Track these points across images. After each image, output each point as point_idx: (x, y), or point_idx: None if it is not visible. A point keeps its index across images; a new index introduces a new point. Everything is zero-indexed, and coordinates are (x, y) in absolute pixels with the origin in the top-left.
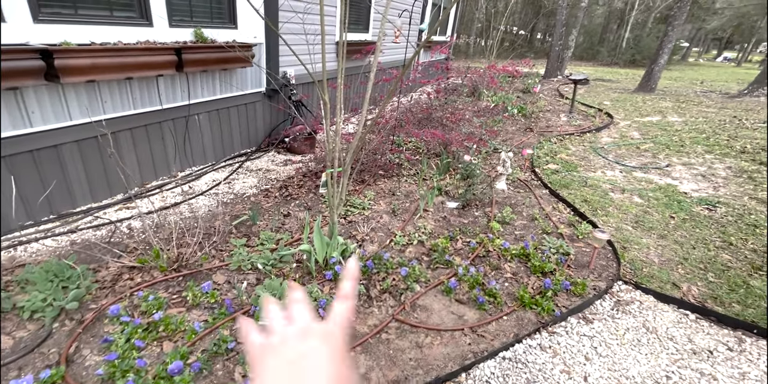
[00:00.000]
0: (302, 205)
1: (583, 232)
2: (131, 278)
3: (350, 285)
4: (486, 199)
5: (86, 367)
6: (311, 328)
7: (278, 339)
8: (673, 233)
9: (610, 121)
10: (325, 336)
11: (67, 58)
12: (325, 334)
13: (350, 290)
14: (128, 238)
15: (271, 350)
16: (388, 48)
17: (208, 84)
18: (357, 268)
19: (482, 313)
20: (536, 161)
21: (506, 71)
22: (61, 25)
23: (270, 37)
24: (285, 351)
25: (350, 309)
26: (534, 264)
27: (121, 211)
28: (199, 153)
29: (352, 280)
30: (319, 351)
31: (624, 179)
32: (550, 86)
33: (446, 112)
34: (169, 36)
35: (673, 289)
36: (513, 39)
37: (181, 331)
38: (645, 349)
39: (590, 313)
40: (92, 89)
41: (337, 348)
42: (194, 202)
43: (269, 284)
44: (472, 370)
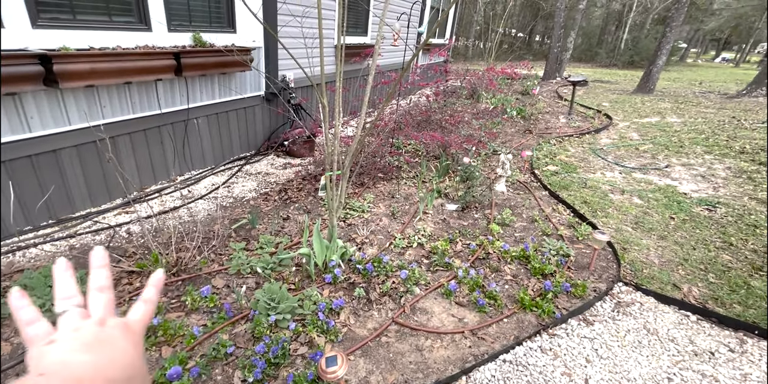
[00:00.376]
0: (301, 208)
1: (583, 233)
2: (130, 283)
3: (153, 291)
4: (485, 201)
5: None
6: (109, 320)
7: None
8: (673, 234)
9: (609, 123)
10: (123, 328)
11: (65, 64)
12: (124, 326)
13: (153, 295)
14: (127, 243)
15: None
16: (386, 51)
17: (207, 88)
18: (162, 279)
19: (482, 315)
20: (535, 163)
21: (505, 73)
22: (59, 30)
23: (269, 41)
24: (80, 335)
25: (150, 312)
26: (534, 266)
27: (120, 215)
28: (198, 157)
29: (155, 287)
30: (117, 338)
31: (623, 180)
32: (548, 88)
33: (445, 115)
34: (168, 40)
35: (673, 290)
36: (511, 41)
37: (180, 336)
38: (646, 351)
39: (591, 315)
40: (91, 94)
41: (135, 341)
42: (193, 206)
43: (268, 288)
44: (473, 373)
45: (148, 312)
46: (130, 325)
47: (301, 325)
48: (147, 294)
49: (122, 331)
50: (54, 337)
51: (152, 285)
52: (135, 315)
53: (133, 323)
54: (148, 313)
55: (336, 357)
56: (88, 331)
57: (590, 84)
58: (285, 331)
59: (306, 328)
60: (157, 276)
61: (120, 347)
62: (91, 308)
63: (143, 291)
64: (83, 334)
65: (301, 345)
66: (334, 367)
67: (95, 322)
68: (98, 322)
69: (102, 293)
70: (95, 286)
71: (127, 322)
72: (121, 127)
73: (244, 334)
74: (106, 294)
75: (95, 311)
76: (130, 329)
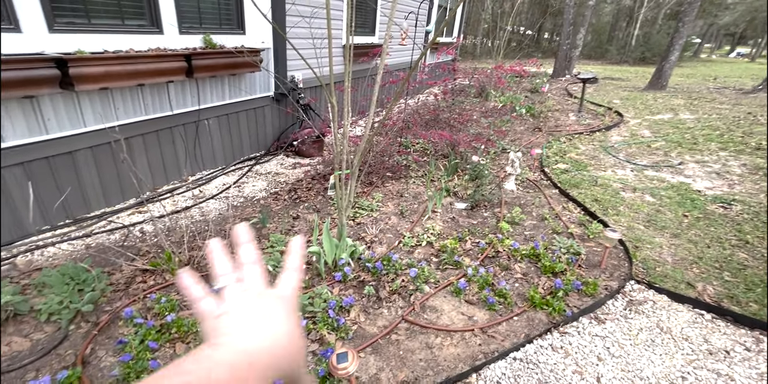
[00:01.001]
0: (311, 207)
1: (593, 231)
2: (144, 281)
3: (297, 259)
4: (495, 200)
5: (101, 368)
6: (265, 291)
7: (236, 301)
8: (686, 232)
9: (620, 120)
10: (280, 298)
11: (81, 67)
12: (280, 296)
13: (298, 263)
14: (141, 242)
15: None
16: (394, 50)
17: (217, 89)
18: (303, 244)
19: (492, 313)
20: (545, 161)
21: (514, 71)
22: (75, 34)
23: (278, 42)
24: (245, 307)
25: (299, 280)
26: (544, 264)
27: (134, 215)
28: (209, 157)
29: (298, 254)
30: (277, 308)
31: (635, 178)
32: (558, 86)
33: (453, 113)
34: (179, 43)
35: (687, 288)
36: (520, 39)
37: (193, 333)
38: (659, 350)
39: (602, 313)
40: (105, 96)
41: (291, 310)
42: (205, 206)
43: None
44: (483, 371)
45: (296, 280)
46: (285, 296)
47: (311, 322)
48: (292, 263)
49: (280, 302)
50: (223, 310)
51: (295, 252)
52: (286, 285)
53: (287, 293)
54: (297, 282)
55: (347, 353)
56: (252, 303)
57: (600, 81)
58: None
59: (317, 326)
60: (297, 242)
61: (280, 316)
62: (247, 281)
63: (287, 260)
64: (248, 306)
65: (312, 342)
66: (345, 363)
67: (256, 294)
68: (258, 295)
69: (255, 266)
70: (248, 260)
71: (282, 293)
72: (134, 128)
73: None
74: (258, 267)
75: (253, 284)
76: (286, 299)
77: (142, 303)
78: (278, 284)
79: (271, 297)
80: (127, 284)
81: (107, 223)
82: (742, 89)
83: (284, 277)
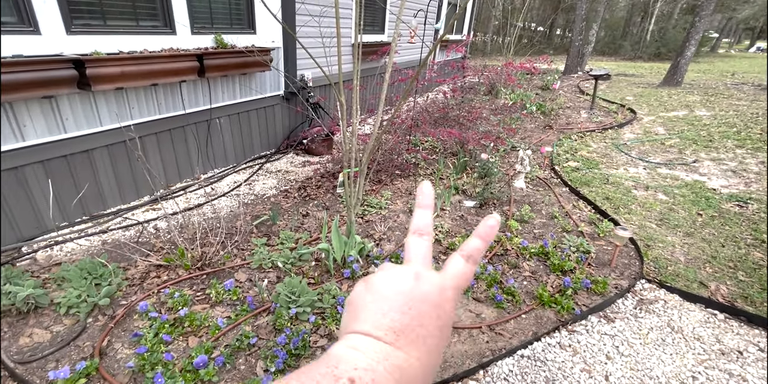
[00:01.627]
0: (320, 205)
1: (604, 230)
2: (158, 276)
3: (479, 245)
4: (504, 198)
5: (118, 359)
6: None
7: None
8: (700, 231)
9: (633, 117)
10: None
11: (97, 67)
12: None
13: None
14: (155, 238)
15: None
16: (403, 48)
17: (228, 88)
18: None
19: (500, 311)
20: (556, 159)
21: (524, 68)
22: (91, 35)
23: (287, 41)
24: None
25: (470, 272)
26: (553, 262)
27: (148, 212)
28: (220, 155)
29: (483, 240)
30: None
31: (648, 176)
32: (570, 83)
33: (462, 111)
34: (191, 43)
35: (700, 288)
36: (531, 36)
37: (205, 327)
38: (670, 349)
39: (612, 312)
40: (121, 96)
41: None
42: (217, 203)
43: (289, 282)
44: (490, 368)
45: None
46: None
47: (320, 317)
48: (469, 246)
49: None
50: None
51: (477, 235)
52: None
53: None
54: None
55: None
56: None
57: (613, 78)
58: (305, 323)
59: (325, 321)
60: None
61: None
62: (409, 254)
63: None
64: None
65: (321, 337)
66: None
67: (413, 274)
68: (415, 277)
69: (421, 239)
70: (415, 227)
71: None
72: (148, 127)
73: (266, 326)
74: (425, 240)
75: (413, 257)
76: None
77: (156, 297)
78: (446, 268)
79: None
80: (142, 279)
81: (123, 219)
82: (761, 85)
83: (452, 263)
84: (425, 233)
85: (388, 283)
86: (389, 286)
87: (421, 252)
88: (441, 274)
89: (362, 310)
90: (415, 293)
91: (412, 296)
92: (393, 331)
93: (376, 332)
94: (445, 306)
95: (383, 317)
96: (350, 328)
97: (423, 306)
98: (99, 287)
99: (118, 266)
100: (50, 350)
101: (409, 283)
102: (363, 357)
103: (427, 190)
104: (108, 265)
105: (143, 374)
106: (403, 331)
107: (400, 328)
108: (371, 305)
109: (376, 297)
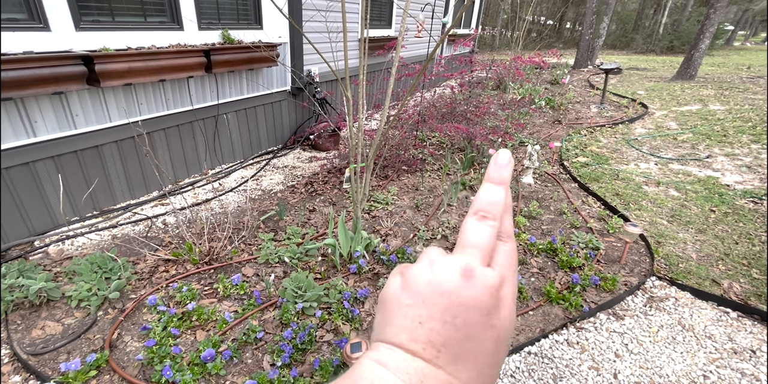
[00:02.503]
0: (327, 200)
1: (614, 226)
2: (166, 270)
3: (505, 205)
4: (512, 194)
5: (127, 352)
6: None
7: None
8: (713, 227)
9: (645, 112)
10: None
11: (106, 63)
12: (489, 285)
13: (509, 222)
14: (163, 233)
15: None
16: (410, 43)
17: (235, 84)
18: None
19: None
20: (565, 154)
21: (533, 62)
22: (100, 32)
23: (294, 36)
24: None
25: (516, 250)
26: (561, 259)
27: (157, 207)
28: (228, 151)
29: (508, 211)
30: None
31: (659, 172)
32: (579, 77)
33: (470, 106)
34: (198, 38)
35: (712, 285)
36: (540, 29)
37: (212, 321)
38: (680, 347)
39: (621, 310)
40: (129, 92)
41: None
42: (224, 199)
43: (296, 277)
44: None
45: (513, 254)
46: (503, 282)
47: (326, 312)
48: (503, 226)
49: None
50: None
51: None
52: (502, 262)
53: (508, 275)
54: (514, 255)
55: (361, 343)
56: (449, 281)
57: (625, 72)
58: (311, 318)
59: (332, 316)
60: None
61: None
62: (464, 239)
63: (501, 221)
64: (441, 281)
65: (327, 332)
66: (359, 352)
67: (461, 270)
68: (464, 273)
69: (483, 223)
70: (478, 206)
71: (500, 280)
72: (156, 123)
73: (272, 320)
74: (489, 227)
75: (468, 246)
76: (500, 289)
77: (164, 291)
78: (495, 258)
79: (485, 284)
80: (151, 273)
81: (132, 214)
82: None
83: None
84: (490, 216)
85: (429, 279)
86: (431, 284)
87: (481, 240)
88: (496, 269)
89: (396, 314)
90: (464, 296)
91: (459, 300)
92: (432, 344)
93: (412, 345)
94: (501, 311)
95: (420, 326)
96: (381, 335)
97: (472, 313)
98: (109, 281)
99: (127, 260)
100: (62, 342)
101: (456, 281)
102: (391, 377)
103: (503, 159)
104: (118, 259)
105: (152, 367)
106: (445, 346)
107: (442, 341)
108: (407, 309)
109: (414, 298)
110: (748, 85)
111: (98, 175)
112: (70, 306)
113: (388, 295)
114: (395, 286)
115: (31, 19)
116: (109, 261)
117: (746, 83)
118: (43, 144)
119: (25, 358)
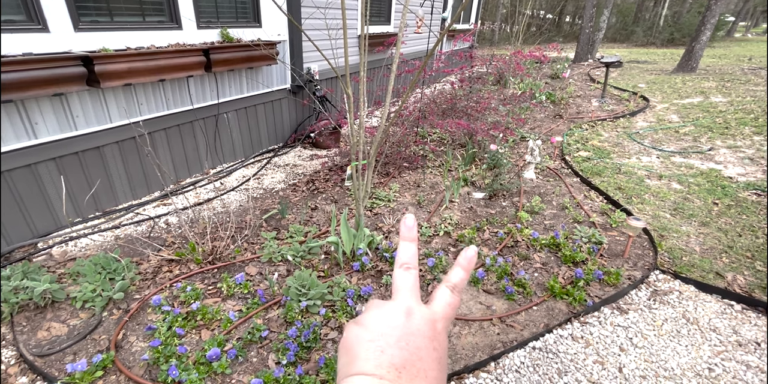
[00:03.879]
0: (329, 198)
1: (616, 220)
2: (170, 270)
3: (462, 275)
4: (514, 189)
5: (133, 352)
6: (415, 308)
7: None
8: (716, 220)
9: (646, 105)
10: (427, 320)
11: (106, 64)
12: (428, 318)
13: (459, 279)
14: (166, 233)
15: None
16: (410, 39)
17: (235, 83)
18: (474, 257)
19: (511, 303)
20: (566, 149)
21: (533, 57)
22: (98, 32)
23: (293, 34)
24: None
25: (455, 303)
26: (565, 254)
27: (159, 207)
28: (229, 150)
29: (465, 270)
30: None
31: (661, 165)
32: (580, 71)
33: (471, 102)
34: (197, 37)
35: (716, 278)
36: (540, 23)
37: (217, 320)
38: (685, 341)
39: (625, 304)
40: (129, 92)
41: (438, 340)
42: (226, 198)
43: (299, 275)
44: (501, 360)
45: (451, 303)
46: (437, 317)
47: (331, 310)
48: (453, 277)
49: (429, 324)
50: (372, 304)
51: (459, 265)
52: (440, 304)
53: (438, 314)
54: (451, 305)
55: None
56: (396, 319)
57: (625, 65)
58: (316, 316)
59: (336, 314)
60: (468, 254)
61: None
62: (396, 285)
63: (452, 272)
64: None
65: (331, 330)
66: None
67: (404, 310)
68: (407, 312)
69: (408, 272)
70: (401, 261)
71: (434, 315)
72: (157, 123)
73: (276, 319)
74: (411, 274)
75: (401, 290)
76: (433, 322)
77: (168, 291)
78: (434, 299)
79: (423, 318)
80: (155, 273)
81: (134, 215)
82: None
83: (440, 294)
84: (411, 266)
85: (381, 320)
86: (383, 322)
87: (409, 285)
88: (430, 307)
89: (360, 350)
90: (410, 327)
91: (407, 331)
92: (395, 367)
93: (378, 370)
94: (438, 338)
95: (382, 354)
96: (350, 370)
97: (419, 340)
98: (113, 282)
99: (131, 261)
100: (68, 343)
101: (401, 318)
102: None
103: (409, 222)
104: (121, 259)
105: (158, 367)
106: (404, 367)
107: (401, 363)
108: (369, 344)
109: (373, 334)
110: (750, 76)
111: (100, 176)
112: (74, 307)
113: (349, 340)
114: (354, 332)
115: (30, 20)
116: (113, 262)
117: (748, 75)
118: (45, 146)
119: (32, 359)
